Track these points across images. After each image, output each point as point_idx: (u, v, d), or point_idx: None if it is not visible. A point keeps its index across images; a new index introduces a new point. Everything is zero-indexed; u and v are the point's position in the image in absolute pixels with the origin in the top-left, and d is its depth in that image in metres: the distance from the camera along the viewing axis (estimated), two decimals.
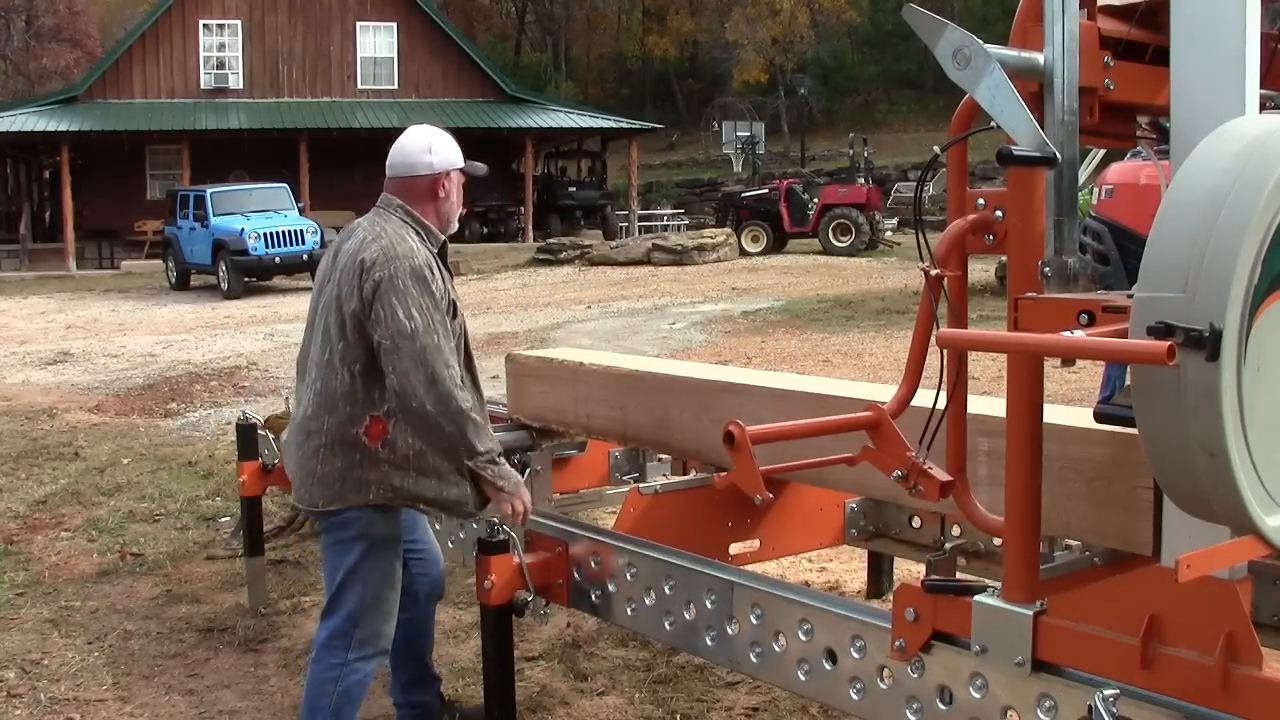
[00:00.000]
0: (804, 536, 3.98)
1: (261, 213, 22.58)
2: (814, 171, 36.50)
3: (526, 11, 55.61)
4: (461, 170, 3.31)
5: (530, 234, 31.30)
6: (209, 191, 23.38)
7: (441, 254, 3.26)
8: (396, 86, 34.18)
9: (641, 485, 3.64)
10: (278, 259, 21.78)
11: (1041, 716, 2.13)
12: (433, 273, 3.13)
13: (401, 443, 3.16)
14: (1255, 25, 1.96)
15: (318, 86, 33.76)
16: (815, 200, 26.72)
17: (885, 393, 2.77)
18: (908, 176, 34.05)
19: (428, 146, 3.24)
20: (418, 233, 3.19)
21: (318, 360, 3.22)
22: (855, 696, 2.50)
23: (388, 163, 3.27)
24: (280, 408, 7.68)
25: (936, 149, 2.23)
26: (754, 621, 2.73)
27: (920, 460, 2.19)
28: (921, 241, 2.22)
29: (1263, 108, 2.05)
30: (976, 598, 2.22)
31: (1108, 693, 1.93)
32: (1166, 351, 1.58)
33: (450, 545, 3.98)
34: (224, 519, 6.43)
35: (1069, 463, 2.48)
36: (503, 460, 3.20)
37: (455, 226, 3.33)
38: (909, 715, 2.37)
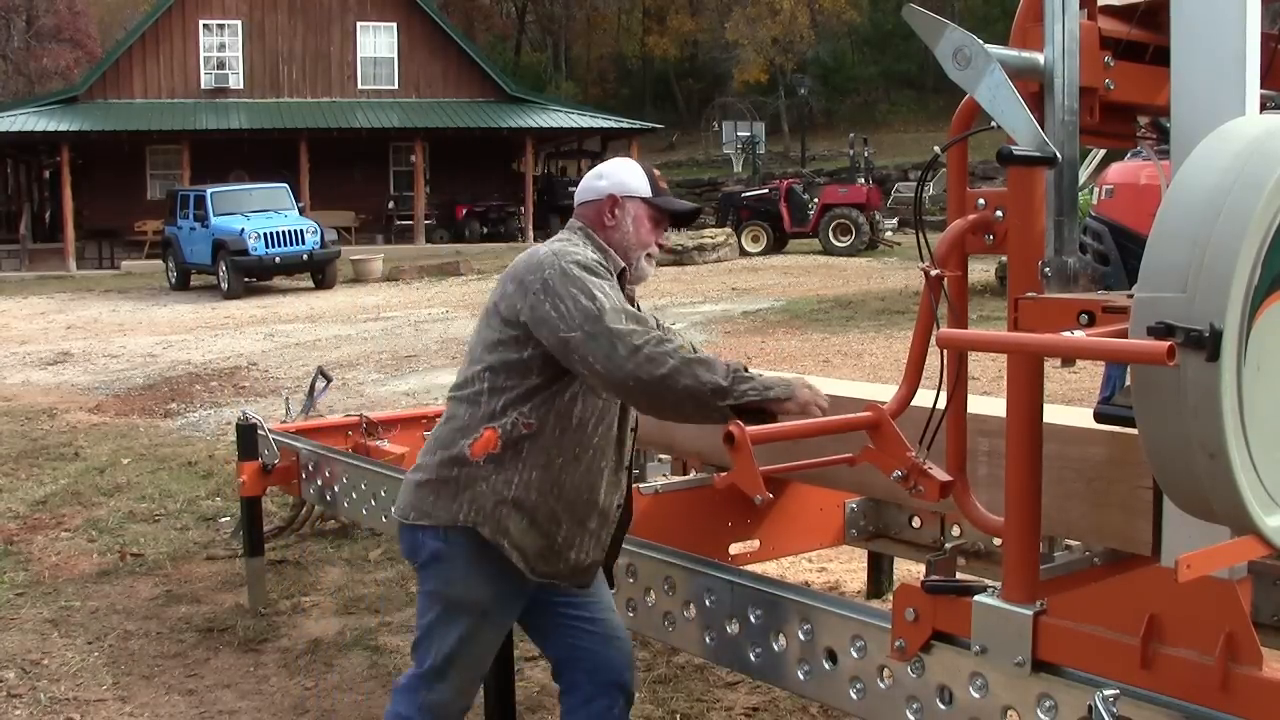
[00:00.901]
0: (804, 537, 3.99)
1: (261, 213, 22.58)
2: (814, 171, 36.50)
3: (526, 11, 55.61)
4: (645, 201, 2.86)
5: (530, 234, 31.30)
6: (209, 191, 23.38)
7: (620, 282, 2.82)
8: (396, 86, 34.19)
9: (642, 485, 3.64)
10: (278, 259, 21.78)
11: (1041, 716, 2.13)
12: (610, 274, 2.75)
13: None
14: (1255, 25, 1.96)
15: (318, 86, 33.77)
16: (815, 200, 26.72)
17: (885, 393, 2.77)
18: (908, 176, 34.05)
19: (600, 173, 2.94)
20: (597, 248, 2.82)
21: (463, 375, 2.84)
22: (855, 696, 2.50)
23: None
24: (280, 408, 7.69)
25: (937, 149, 2.23)
26: (754, 621, 2.73)
27: (920, 460, 2.19)
28: (921, 241, 2.22)
29: (1263, 108, 2.05)
30: (976, 598, 2.22)
31: (1108, 693, 1.93)
32: (1166, 351, 1.58)
33: None
34: (224, 519, 6.43)
35: (1069, 463, 2.49)
36: (751, 373, 2.59)
37: (638, 264, 2.87)
38: (909, 715, 2.37)
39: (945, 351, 2.16)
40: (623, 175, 2.88)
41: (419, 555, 2.85)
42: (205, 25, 33.25)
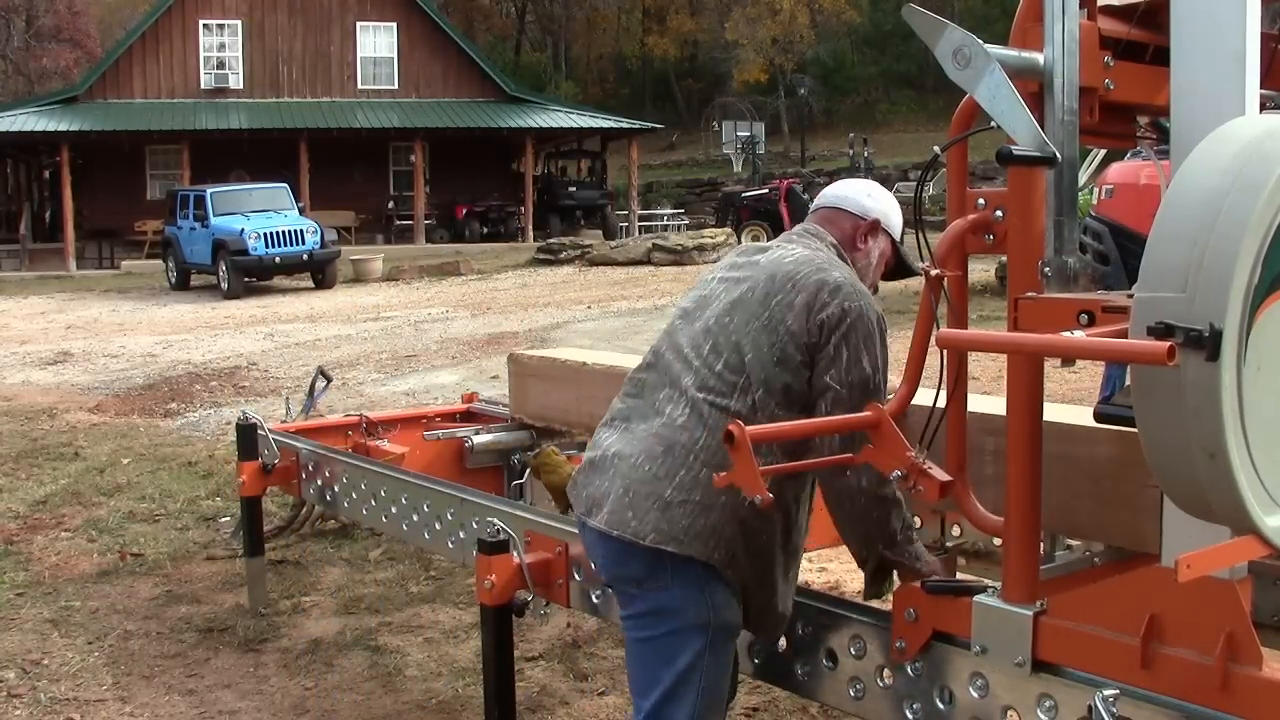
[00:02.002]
0: None
1: (261, 213, 22.57)
2: (814, 171, 36.50)
3: (526, 11, 55.60)
4: (894, 244, 2.73)
5: (530, 234, 31.31)
6: (209, 191, 23.37)
7: None
8: (396, 86, 34.20)
9: None
10: (278, 259, 21.77)
11: (1041, 716, 2.13)
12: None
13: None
14: (1255, 25, 1.97)
15: (318, 86, 33.78)
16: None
17: None
18: (908, 176, 34.03)
19: (868, 192, 2.73)
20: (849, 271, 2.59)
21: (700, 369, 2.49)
22: (855, 697, 2.50)
23: (819, 196, 2.82)
24: (280, 408, 7.69)
25: (937, 149, 2.23)
26: None
27: (920, 460, 2.19)
28: (921, 241, 2.22)
29: (1263, 108, 2.05)
30: (976, 598, 2.22)
31: (1108, 693, 1.93)
32: (1166, 351, 1.58)
33: (450, 545, 3.99)
34: (224, 519, 6.42)
35: (1075, 462, 2.49)
36: (916, 538, 2.54)
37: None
38: (909, 715, 2.38)
39: (945, 351, 2.16)
40: (888, 207, 2.72)
41: None
42: (205, 25, 33.25)
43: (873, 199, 2.70)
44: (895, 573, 2.55)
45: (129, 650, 4.65)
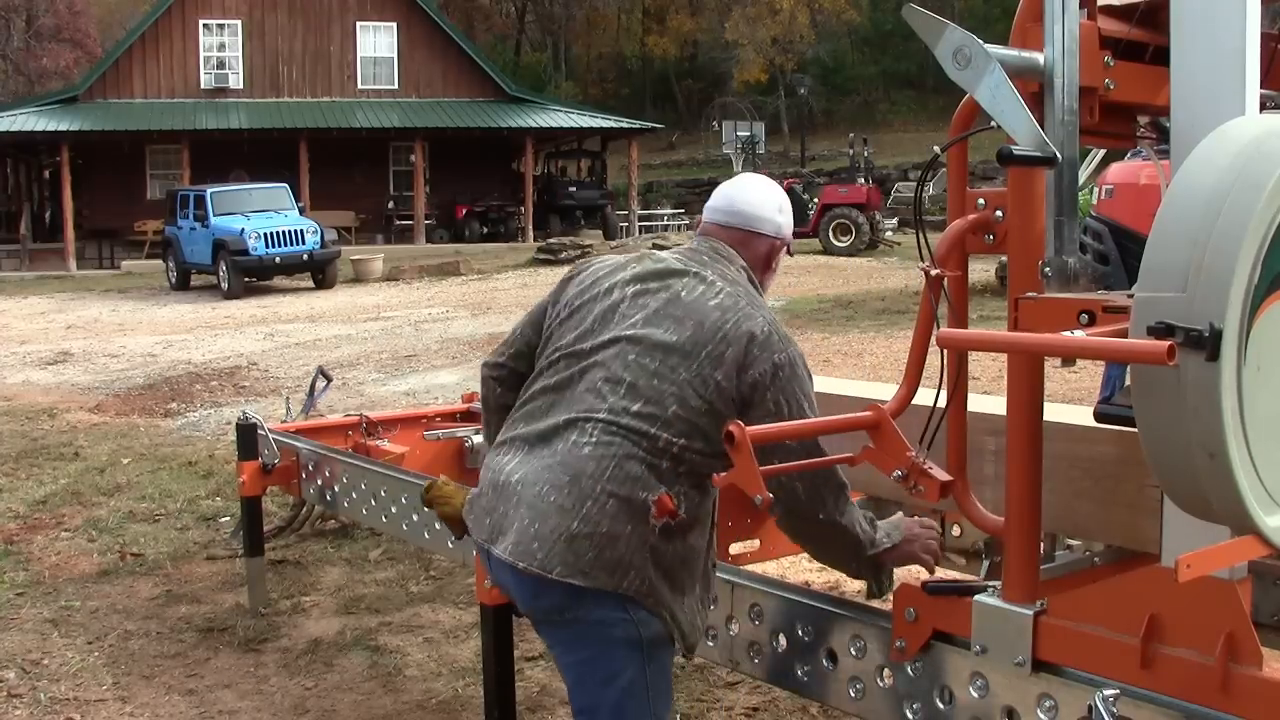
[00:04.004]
0: None
1: (262, 213, 22.58)
2: (814, 171, 36.55)
3: (526, 11, 55.62)
4: (788, 250, 2.70)
5: (530, 234, 31.32)
6: (209, 191, 23.38)
7: None
8: (396, 86, 34.21)
9: None
10: (278, 259, 21.79)
11: (1041, 716, 2.13)
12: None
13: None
14: (1255, 25, 1.97)
15: (318, 86, 33.79)
16: (815, 200, 26.73)
17: (886, 392, 2.77)
18: (908, 176, 34.08)
19: (779, 206, 2.62)
20: (760, 276, 2.59)
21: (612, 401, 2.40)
22: (855, 696, 2.50)
23: (721, 205, 2.63)
24: (280, 408, 7.69)
25: (937, 149, 2.23)
26: (754, 622, 2.73)
27: (920, 460, 2.19)
28: (921, 241, 2.22)
29: (1263, 108, 2.05)
30: (976, 598, 2.22)
31: (1108, 693, 1.93)
32: (1166, 351, 1.58)
33: (450, 545, 3.98)
34: (224, 519, 6.43)
35: (1077, 462, 2.49)
36: (877, 525, 2.56)
37: None
38: (909, 715, 2.37)
39: (945, 351, 2.16)
40: (790, 218, 2.65)
41: None
42: (205, 25, 33.26)
43: (783, 214, 2.63)
44: (888, 565, 2.58)
45: (129, 650, 4.65)
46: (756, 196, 2.62)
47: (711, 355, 2.39)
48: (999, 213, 2.16)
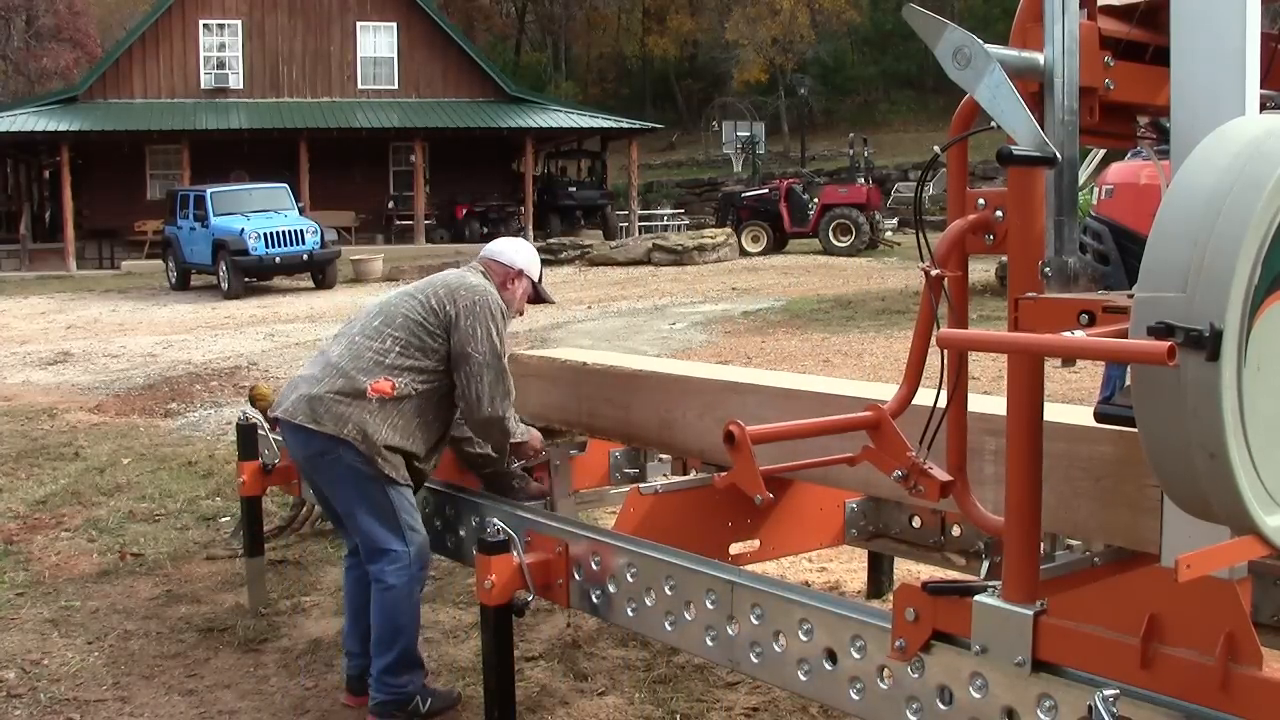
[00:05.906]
0: (804, 536, 3.99)
1: (261, 213, 22.56)
2: (814, 171, 36.52)
3: (526, 11, 55.61)
4: (532, 282, 4.04)
5: (530, 234, 31.29)
6: (209, 191, 23.36)
7: None
8: (396, 86, 34.19)
9: (642, 485, 3.64)
10: (278, 259, 21.77)
11: (1041, 716, 2.13)
12: (507, 323, 3.89)
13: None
14: (1255, 25, 1.96)
15: (318, 86, 33.77)
16: (815, 200, 26.74)
17: (886, 392, 2.77)
18: (908, 176, 34.06)
19: (518, 249, 4.09)
20: (501, 300, 3.93)
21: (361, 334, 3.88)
22: (855, 696, 2.50)
23: (486, 250, 4.09)
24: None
25: (937, 149, 2.23)
26: (754, 621, 2.73)
27: (920, 460, 2.19)
28: (921, 241, 2.22)
29: (1263, 108, 2.04)
30: (976, 598, 2.22)
31: (1108, 693, 1.93)
32: (1166, 351, 1.58)
33: (449, 545, 3.99)
34: (224, 519, 6.43)
35: (1077, 462, 2.49)
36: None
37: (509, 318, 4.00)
38: (909, 715, 2.38)
39: (945, 351, 2.16)
40: (527, 260, 4.03)
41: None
42: (205, 25, 33.24)
43: (520, 254, 4.03)
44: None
45: (129, 650, 4.65)
46: (504, 244, 4.12)
47: (436, 295, 3.86)
48: (999, 213, 2.16)
